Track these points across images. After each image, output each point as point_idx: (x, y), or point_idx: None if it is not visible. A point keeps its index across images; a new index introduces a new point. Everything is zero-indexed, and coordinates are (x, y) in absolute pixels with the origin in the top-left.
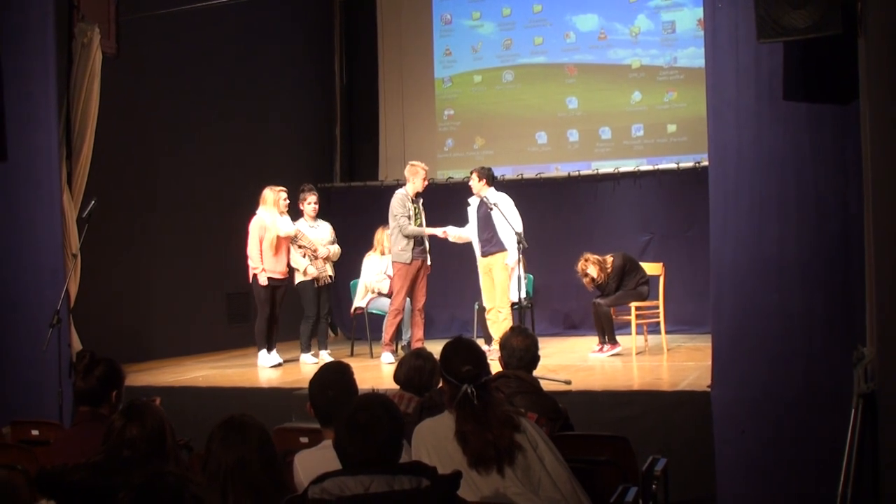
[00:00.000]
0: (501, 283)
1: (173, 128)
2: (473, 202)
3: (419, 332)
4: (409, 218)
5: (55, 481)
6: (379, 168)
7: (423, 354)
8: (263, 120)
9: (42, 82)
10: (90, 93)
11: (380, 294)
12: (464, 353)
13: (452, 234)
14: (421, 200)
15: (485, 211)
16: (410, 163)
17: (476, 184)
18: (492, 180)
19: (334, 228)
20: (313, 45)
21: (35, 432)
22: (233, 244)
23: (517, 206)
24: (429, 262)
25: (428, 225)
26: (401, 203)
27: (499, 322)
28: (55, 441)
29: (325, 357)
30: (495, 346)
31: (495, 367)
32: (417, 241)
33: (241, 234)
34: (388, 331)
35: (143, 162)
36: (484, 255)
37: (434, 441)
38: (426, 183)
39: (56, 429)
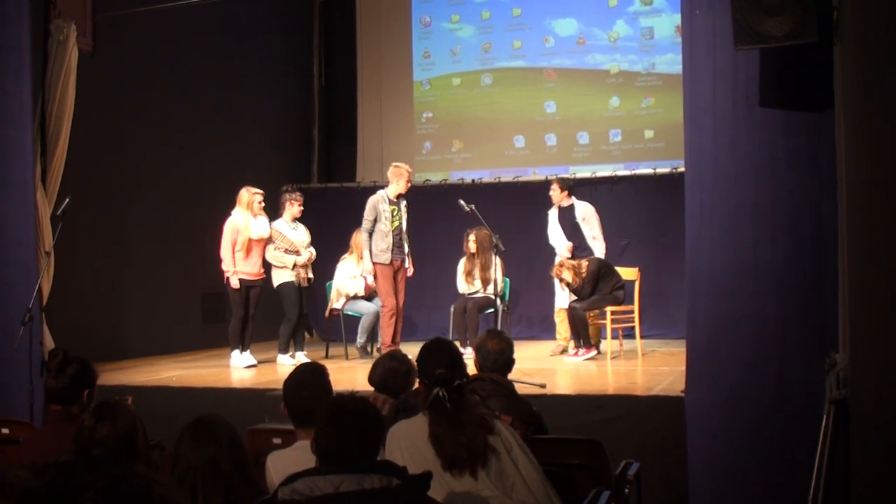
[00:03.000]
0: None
1: (150, 127)
2: (553, 212)
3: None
4: (385, 220)
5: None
6: (357, 170)
7: (397, 357)
8: (241, 120)
9: (17, 79)
10: (66, 90)
11: (354, 297)
12: (438, 356)
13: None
14: (403, 202)
15: (571, 219)
16: (394, 164)
17: (557, 194)
18: (572, 190)
19: (311, 229)
20: (292, 45)
21: (5, 431)
22: (208, 244)
23: (493, 209)
24: (407, 265)
25: (409, 225)
26: (372, 206)
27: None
28: (25, 440)
29: (302, 358)
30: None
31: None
32: (396, 242)
33: (217, 233)
34: (385, 332)
35: (118, 160)
36: (575, 259)
37: (408, 442)
38: (409, 185)
39: (27, 427)
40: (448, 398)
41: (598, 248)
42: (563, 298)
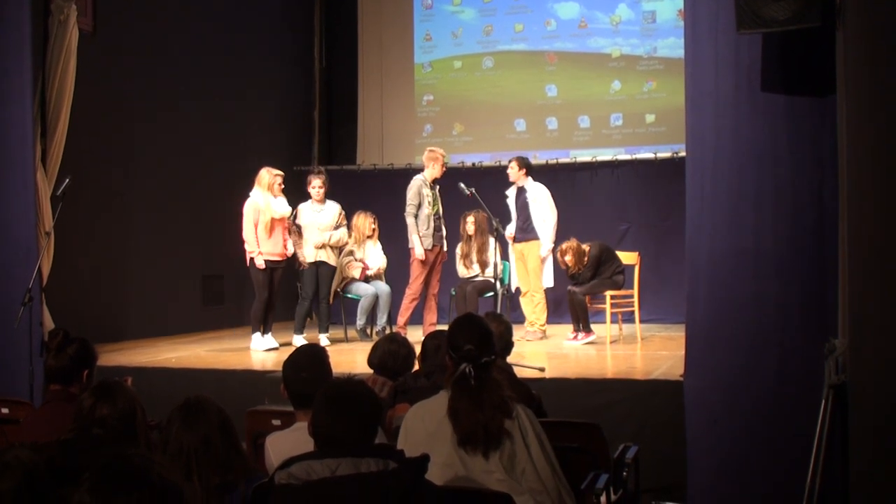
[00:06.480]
0: (535, 269)
1: (150, 107)
2: (511, 191)
3: (433, 317)
4: (428, 204)
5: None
6: (357, 152)
7: (397, 339)
8: (242, 101)
9: (17, 59)
10: (66, 70)
11: (353, 279)
12: (468, 332)
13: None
14: (437, 187)
15: (522, 199)
16: (429, 148)
17: (515, 172)
18: (530, 169)
19: None
20: (293, 26)
21: (5, 410)
22: (209, 225)
23: (495, 193)
24: (445, 249)
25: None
26: (416, 192)
27: (533, 305)
28: (25, 419)
29: (323, 341)
30: (530, 327)
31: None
32: (436, 226)
33: (217, 214)
34: (402, 314)
35: (118, 141)
36: (517, 241)
37: (429, 415)
38: (444, 169)
39: (26, 407)
40: (473, 375)
41: (546, 232)
42: (523, 281)
